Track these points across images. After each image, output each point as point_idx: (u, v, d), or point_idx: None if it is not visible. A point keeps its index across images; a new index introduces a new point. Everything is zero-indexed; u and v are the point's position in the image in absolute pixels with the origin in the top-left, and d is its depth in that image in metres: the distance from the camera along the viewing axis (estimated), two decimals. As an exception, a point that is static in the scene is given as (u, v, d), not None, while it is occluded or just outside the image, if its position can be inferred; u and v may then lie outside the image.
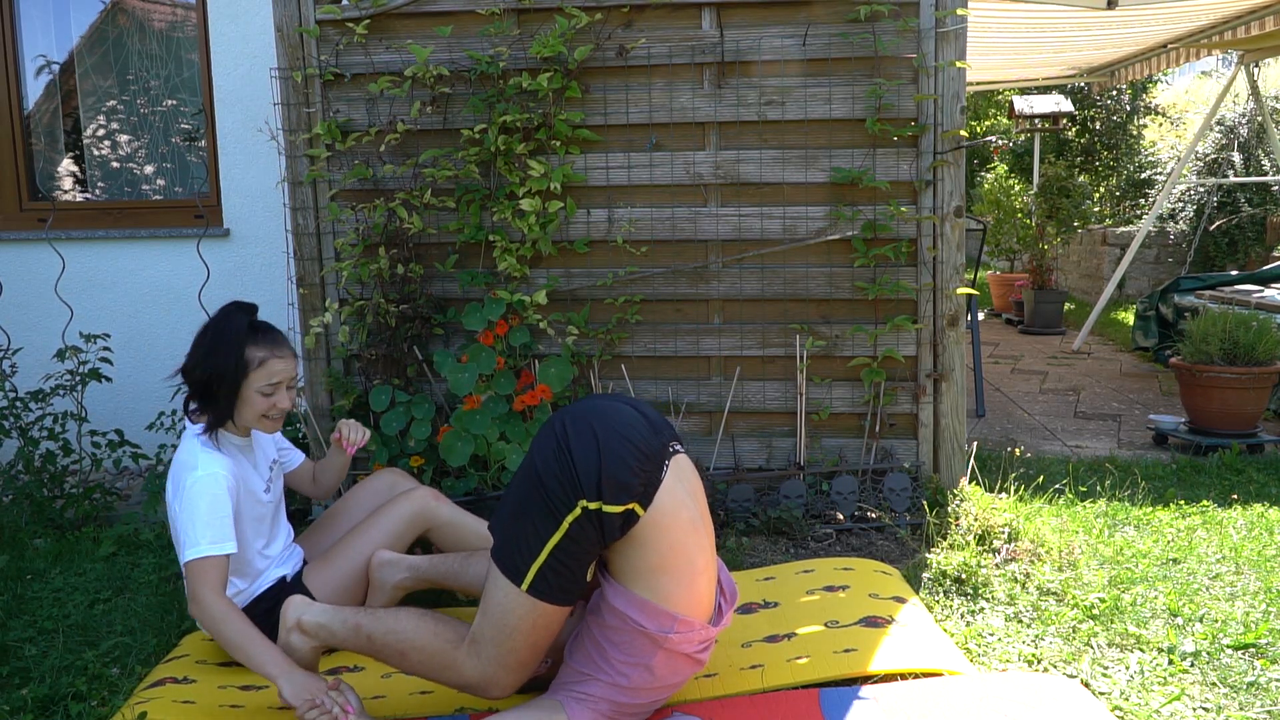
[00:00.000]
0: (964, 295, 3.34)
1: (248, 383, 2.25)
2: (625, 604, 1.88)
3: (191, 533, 2.14)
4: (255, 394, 2.27)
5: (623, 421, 1.86)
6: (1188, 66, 12.69)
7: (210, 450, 2.27)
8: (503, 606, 1.88)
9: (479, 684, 1.95)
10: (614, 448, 1.81)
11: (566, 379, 3.32)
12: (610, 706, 1.92)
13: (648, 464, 1.84)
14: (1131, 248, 6.99)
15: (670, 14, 3.34)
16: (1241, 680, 2.19)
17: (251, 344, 2.26)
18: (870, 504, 3.29)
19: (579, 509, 1.80)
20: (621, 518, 1.81)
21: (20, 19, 4.53)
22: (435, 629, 2.01)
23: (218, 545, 2.14)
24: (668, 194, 3.42)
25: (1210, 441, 4.15)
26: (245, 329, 2.26)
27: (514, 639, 1.89)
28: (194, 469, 2.21)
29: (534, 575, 1.84)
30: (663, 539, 1.86)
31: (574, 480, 1.80)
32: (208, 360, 2.24)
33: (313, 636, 2.10)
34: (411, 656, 2.00)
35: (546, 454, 1.84)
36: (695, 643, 1.94)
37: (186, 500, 2.17)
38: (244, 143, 4.34)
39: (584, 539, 1.82)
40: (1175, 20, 5.61)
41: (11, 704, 2.20)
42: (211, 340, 2.25)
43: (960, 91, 3.26)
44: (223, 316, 2.28)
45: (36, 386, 4.19)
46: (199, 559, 2.12)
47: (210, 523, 2.15)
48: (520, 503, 1.86)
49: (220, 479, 2.20)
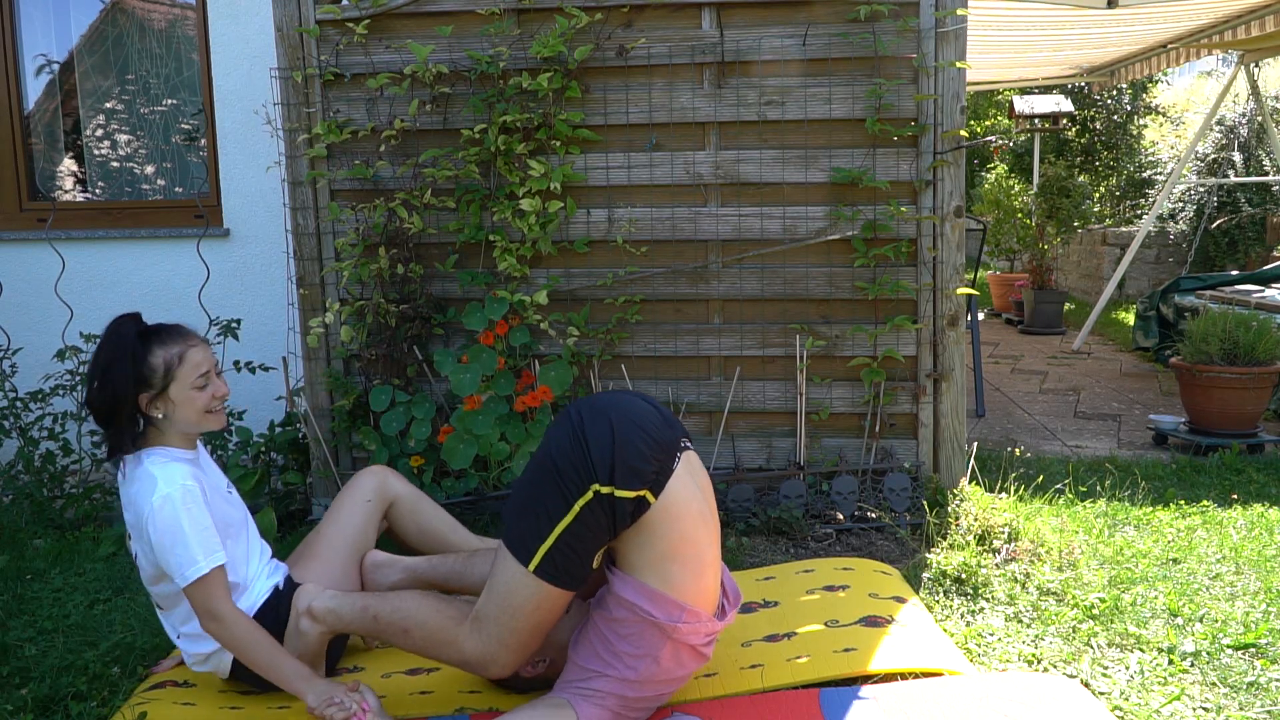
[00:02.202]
0: (964, 295, 3.34)
1: (177, 385, 2.10)
2: (634, 594, 1.89)
3: (184, 552, 2.01)
4: (191, 392, 2.12)
5: (638, 411, 1.90)
6: (1188, 66, 12.69)
7: (162, 463, 2.09)
8: (508, 585, 1.91)
9: (479, 660, 1.99)
10: (628, 434, 1.84)
11: (567, 382, 3.32)
12: (617, 702, 1.92)
13: (660, 452, 1.87)
14: (1131, 248, 6.99)
15: (670, 14, 3.34)
16: (1241, 680, 2.19)
17: (157, 347, 2.10)
18: (870, 504, 3.29)
19: (591, 492, 1.82)
20: (633, 503, 1.83)
21: (20, 19, 4.53)
22: (439, 606, 2.05)
23: (213, 557, 2.04)
24: (668, 194, 3.42)
25: (1210, 441, 4.15)
26: (134, 339, 2.09)
27: (517, 619, 1.92)
28: (154, 488, 2.04)
29: (542, 556, 1.86)
30: (673, 528, 1.88)
31: (587, 463, 1.82)
32: (103, 381, 2.06)
33: (321, 622, 2.14)
34: (415, 633, 2.04)
35: (561, 439, 1.87)
36: (702, 635, 1.95)
37: (161, 522, 2.02)
38: (244, 143, 4.33)
39: (594, 523, 1.84)
40: (1175, 20, 5.61)
41: (12, 704, 2.20)
42: (105, 362, 2.07)
43: (960, 91, 3.26)
44: (108, 335, 2.11)
45: (36, 386, 4.19)
46: (203, 576, 2.02)
47: (197, 537, 2.02)
48: (533, 485, 1.89)
49: (189, 491, 2.05)
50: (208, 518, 2.07)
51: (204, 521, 2.06)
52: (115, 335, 2.10)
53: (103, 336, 2.11)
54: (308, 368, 3.50)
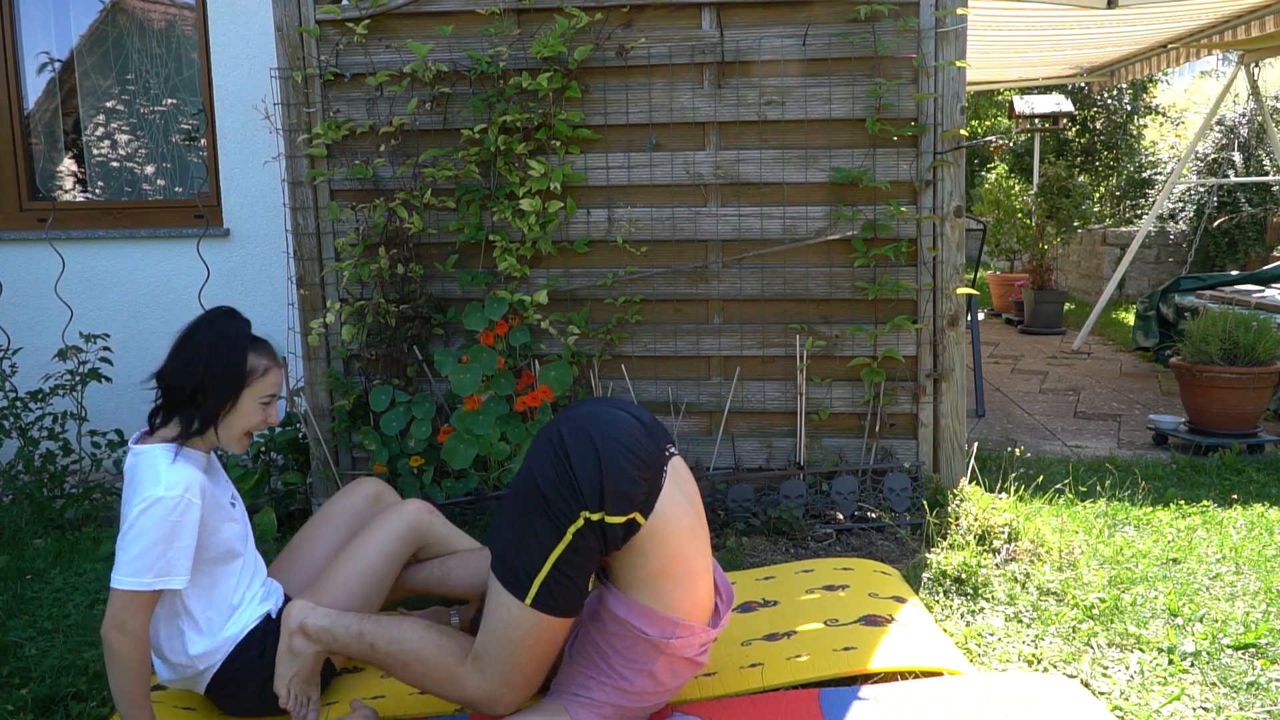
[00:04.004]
0: (964, 295, 3.34)
1: (250, 391, 2.11)
2: (626, 611, 1.87)
3: (138, 557, 1.92)
4: (254, 404, 2.12)
5: (621, 429, 1.83)
6: (1188, 66, 12.69)
7: (170, 460, 2.02)
8: (506, 622, 1.86)
9: (482, 701, 1.93)
10: (614, 457, 1.79)
11: (567, 382, 3.32)
12: (614, 710, 1.92)
13: (648, 471, 1.83)
14: (1131, 248, 6.99)
15: (670, 14, 3.34)
16: (1241, 680, 2.19)
17: (254, 352, 2.13)
18: (870, 504, 3.29)
19: (581, 520, 1.78)
20: (624, 527, 1.80)
21: (20, 18, 4.53)
22: (440, 642, 1.98)
23: (161, 580, 1.93)
24: (668, 194, 3.42)
25: (1210, 441, 4.15)
26: (249, 337, 2.13)
27: (519, 654, 1.87)
28: (155, 483, 1.97)
29: (538, 588, 1.81)
30: (664, 547, 1.85)
31: (575, 491, 1.77)
32: (206, 365, 2.05)
33: (315, 641, 2.05)
34: (415, 668, 1.98)
35: (544, 465, 1.81)
36: (696, 646, 1.94)
37: (138, 517, 1.94)
38: (244, 143, 4.33)
39: (586, 549, 1.80)
40: (1175, 20, 5.60)
41: (12, 704, 2.20)
42: (211, 345, 2.07)
43: (960, 91, 3.26)
44: (222, 323, 2.11)
45: (36, 386, 4.19)
46: (136, 591, 1.91)
47: (161, 552, 1.93)
48: (519, 515, 1.83)
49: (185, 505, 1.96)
50: (190, 539, 1.98)
51: (182, 541, 1.96)
52: (227, 326, 2.11)
53: (217, 321, 2.11)
54: (308, 368, 3.50)
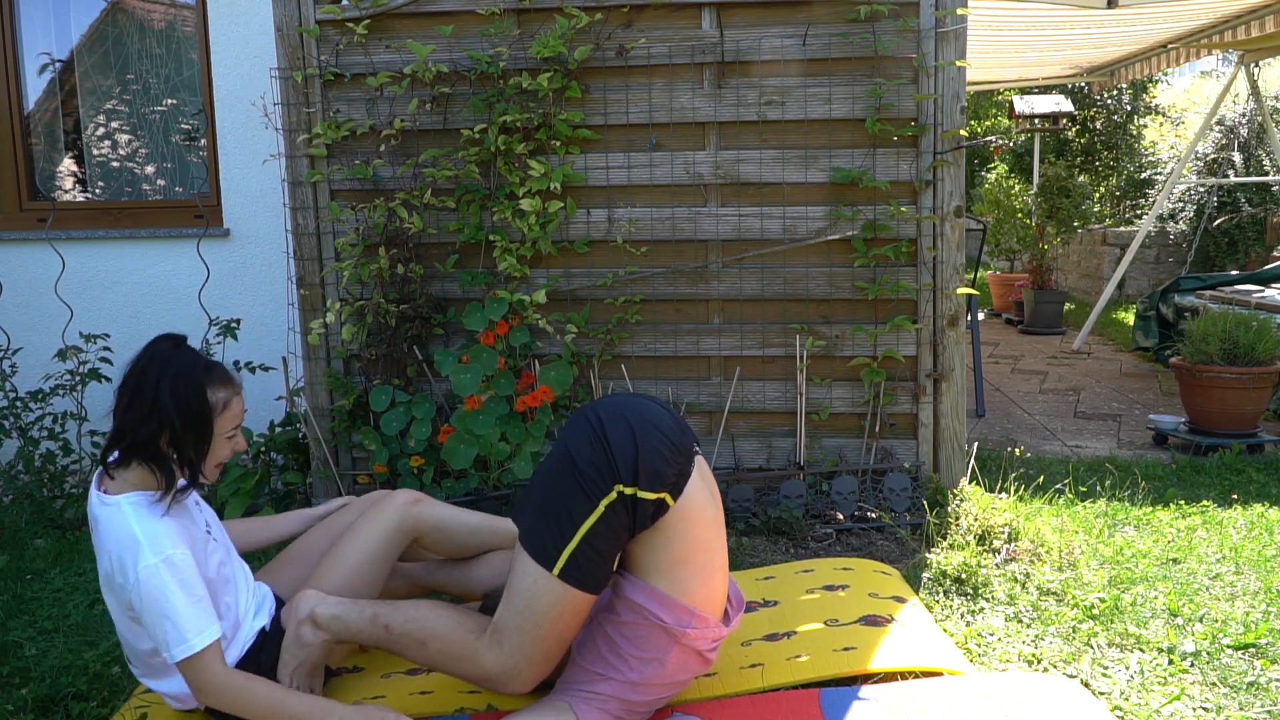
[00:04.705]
0: (964, 295, 3.34)
1: (217, 427, 1.94)
2: (645, 598, 1.88)
3: (174, 630, 1.83)
4: (221, 440, 1.97)
5: (654, 414, 1.87)
6: (1188, 66, 12.69)
7: (144, 516, 1.88)
8: (531, 592, 1.85)
9: (499, 676, 1.92)
10: (649, 436, 1.82)
11: (567, 382, 3.32)
12: (619, 705, 1.92)
13: (679, 456, 1.85)
14: (1131, 248, 6.99)
15: (670, 14, 3.34)
16: (1241, 680, 2.19)
17: (211, 387, 1.92)
18: (870, 504, 3.29)
19: (614, 493, 1.80)
20: (654, 505, 1.82)
21: (20, 18, 4.53)
22: (457, 618, 1.98)
23: (205, 633, 1.85)
24: (668, 194, 3.42)
25: (1210, 441, 4.15)
26: (203, 369, 1.92)
27: (541, 627, 1.86)
28: (138, 554, 1.84)
29: (566, 559, 1.82)
30: (688, 532, 1.87)
31: (610, 464, 1.80)
32: (171, 414, 1.86)
33: (325, 629, 2.02)
34: (431, 646, 1.96)
35: (580, 440, 1.83)
36: (708, 640, 1.95)
37: (148, 594, 1.83)
38: (244, 143, 4.33)
39: (617, 524, 1.82)
40: (1175, 20, 5.60)
41: (12, 704, 2.20)
42: (170, 390, 1.87)
43: (960, 91, 3.26)
44: (174, 359, 1.90)
45: (36, 386, 4.19)
46: (195, 654, 1.84)
47: (189, 612, 1.84)
48: (552, 487, 1.85)
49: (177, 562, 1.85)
50: (200, 586, 1.89)
51: (197, 592, 1.87)
52: (179, 363, 1.90)
53: (156, 358, 1.90)
54: (308, 368, 3.50)
